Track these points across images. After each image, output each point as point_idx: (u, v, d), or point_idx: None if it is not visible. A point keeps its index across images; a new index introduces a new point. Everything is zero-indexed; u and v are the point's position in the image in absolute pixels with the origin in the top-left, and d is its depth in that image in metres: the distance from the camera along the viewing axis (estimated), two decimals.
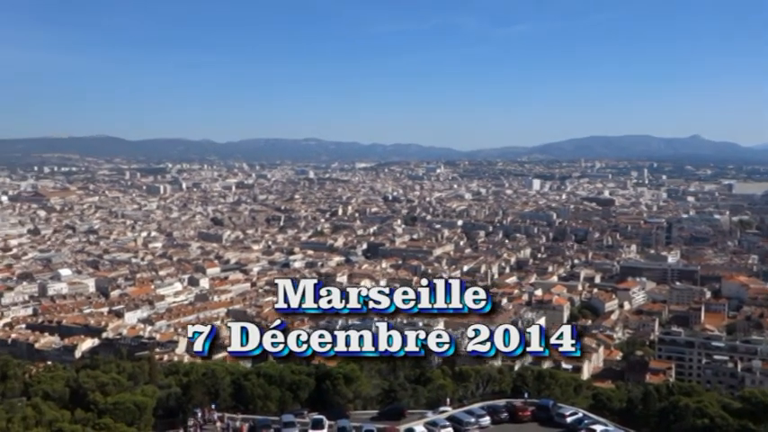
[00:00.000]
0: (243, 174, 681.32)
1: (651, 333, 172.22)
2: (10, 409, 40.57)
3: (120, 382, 45.63)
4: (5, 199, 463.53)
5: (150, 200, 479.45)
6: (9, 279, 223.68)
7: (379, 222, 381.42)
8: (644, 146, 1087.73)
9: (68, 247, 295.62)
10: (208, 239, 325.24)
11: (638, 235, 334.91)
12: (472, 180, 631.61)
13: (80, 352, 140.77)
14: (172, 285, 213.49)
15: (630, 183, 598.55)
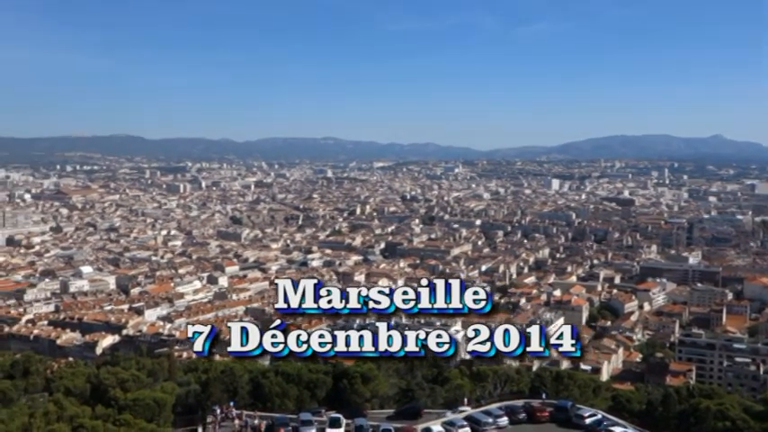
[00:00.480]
0: (262, 173, 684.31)
1: (671, 335, 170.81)
2: (32, 404, 41.15)
3: (140, 378, 46.03)
4: (28, 197, 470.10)
5: (170, 198, 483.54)
6: (32, 276, 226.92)
7: (396, 222, 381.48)
8: (664, 145, 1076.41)
9: (90, 245, 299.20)
10: (227, 238, 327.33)
11: (658, 235, 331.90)
12: (491, 180, 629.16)
13: (101, 348, 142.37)
14: (191, 283, 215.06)
15: (651, 183, 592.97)
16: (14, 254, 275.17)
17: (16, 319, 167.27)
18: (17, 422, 35.58)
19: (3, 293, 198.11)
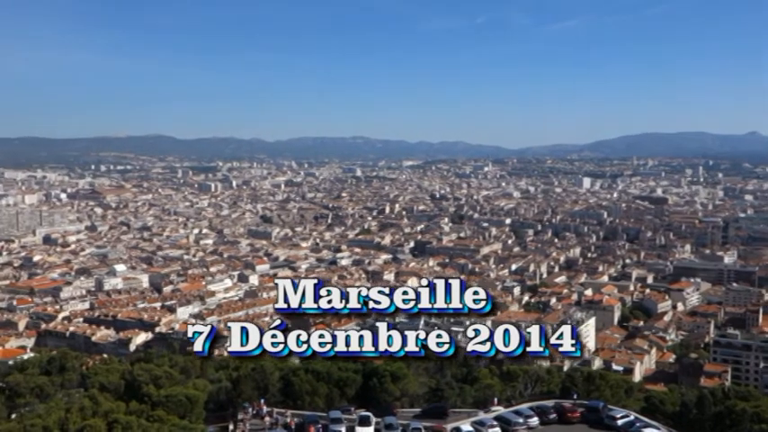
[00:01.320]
0: (291, 172, 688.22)
1: (706, 335, 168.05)
2: (68, 399, 41.98)
3: (173, 375, 46.62)
4: (64, 197, 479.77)
5: (202, 197, 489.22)
6: (68, 274, 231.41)
7: (426, 220, 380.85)
8: (698, 143, 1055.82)
9: (123, 244, 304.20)
10: (257, 237, 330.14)
11: (692, 234, 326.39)
12: (521, 178, 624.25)
13: (134, 345, 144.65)
14: (222, 282, 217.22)
15: (685, 181, 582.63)
16: (51, 252, 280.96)
17: (53, 317, 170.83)
18: (54, 417, 36.34)
19: (40, 291, 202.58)
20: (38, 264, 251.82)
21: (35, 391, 45.72)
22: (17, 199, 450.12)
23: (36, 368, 50.51)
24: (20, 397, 45.14)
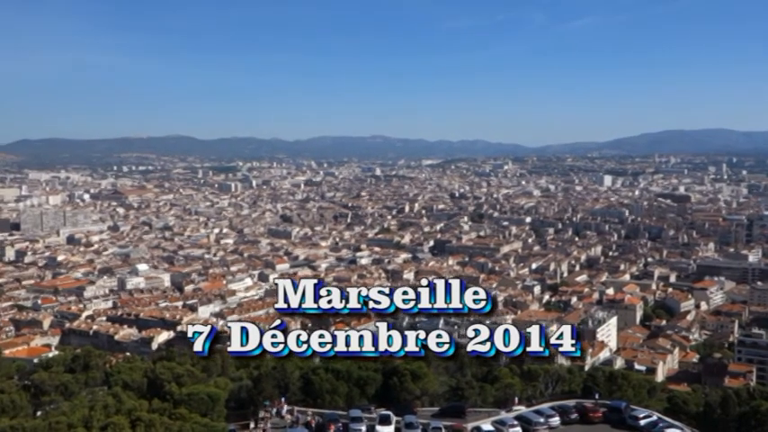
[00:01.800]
0: (311, 171, 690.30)
1: (730, 335, 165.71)
2: (92, 397, 42.51)
3: (195, 373, 47.02)
4: (87, 197, 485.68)
5: (222, 197, 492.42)
6: (91, 273, 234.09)
7: (445, 219, 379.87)
8: (722, 140, 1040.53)
9: (145, 243, 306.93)
10: (277, 236, 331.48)
11: (716, 232, 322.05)
12: (541, 176, 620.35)
13: (156, 344, 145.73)
14: (243, 281, 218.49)
15: (708, 178, 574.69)
16: (74, 252, 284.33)
17: (77, 315, 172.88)
18: (78, 414, 36.82)
19: (64, 290, 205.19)
20: (62, 263, 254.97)
21: (60, 388, 46.46)
22: (41, 199, 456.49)
23: (61, 366, 51.31)
24: (45, 395, 45.91)
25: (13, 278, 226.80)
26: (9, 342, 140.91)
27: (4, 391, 43.55)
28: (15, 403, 42.41)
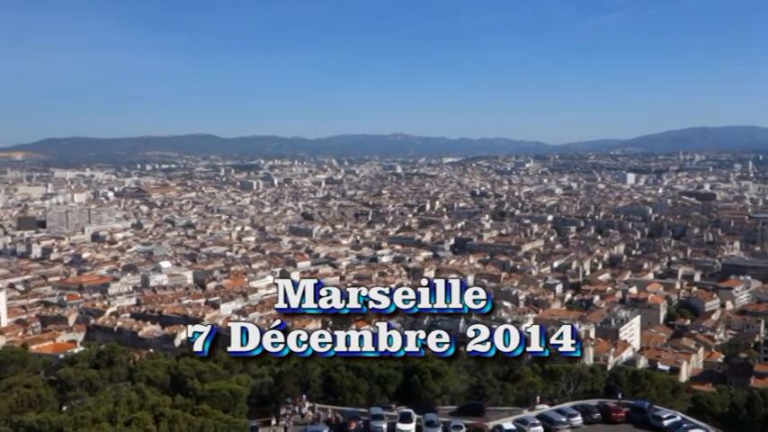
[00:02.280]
0: (332, 169, 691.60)
1: (756, 335, 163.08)
2: (116, 392, 43.02)
3: (217, 370, 47.33)
4: (111, 195, 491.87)
5: (244, 195, 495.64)
6: (115, 270, 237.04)
7: (466, 217, 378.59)
8: (748, 137, 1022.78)
9: (168, 241, 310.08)
10: (298, 234, 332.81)
11: (741, 231, 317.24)
12: (563, 174, 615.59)
13: (179, 341, 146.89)
14: (264, 278, 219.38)
15: (733, 176, 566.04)
16: (99, 249, 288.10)
17: (101, 312, 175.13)
18: (102, 409, 37.24)
19: (89, 287, 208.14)
20: (86, 260, 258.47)
21: (85, 384, 47.09)
22: (66, 197, 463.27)
23: (86, 362, 51.99)
24: (70, 390, 46.56)
25: (39, 275, 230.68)
26: (36, 338, 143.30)
27: (30, 386, 44.23)
28: (42, 398, 43.03)
